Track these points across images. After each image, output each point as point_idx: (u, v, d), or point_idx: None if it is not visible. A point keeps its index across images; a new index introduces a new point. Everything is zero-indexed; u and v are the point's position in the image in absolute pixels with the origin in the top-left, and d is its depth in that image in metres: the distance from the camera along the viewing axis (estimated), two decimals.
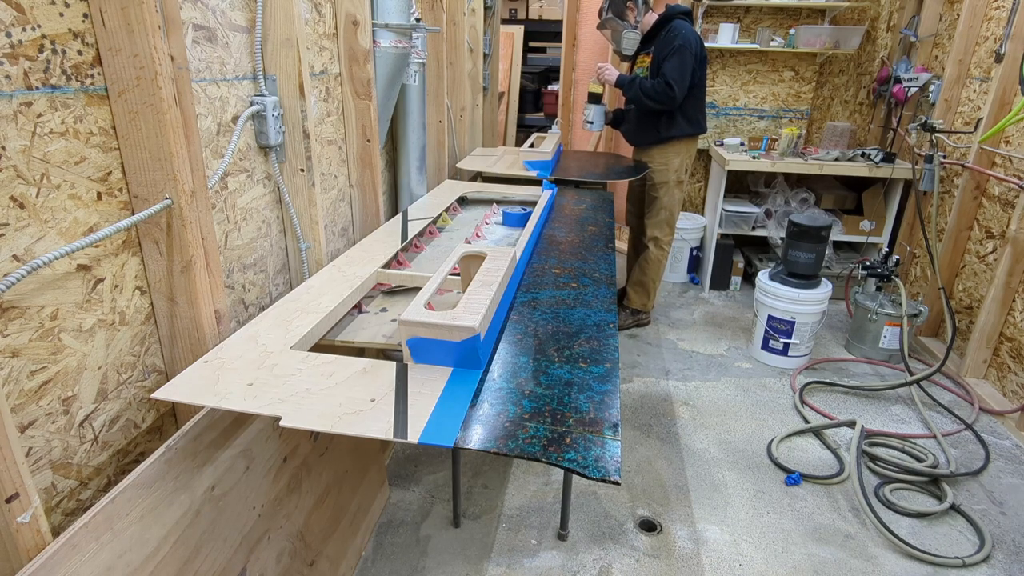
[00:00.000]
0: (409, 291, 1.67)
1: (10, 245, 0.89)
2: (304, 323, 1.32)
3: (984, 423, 2.51)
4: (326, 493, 1.58)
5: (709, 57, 4.24)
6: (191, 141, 1.13)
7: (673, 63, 2.80)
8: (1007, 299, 2.59)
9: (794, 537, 1.90)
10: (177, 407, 1.26)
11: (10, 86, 0.87)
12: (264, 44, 1.46)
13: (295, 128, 1.55)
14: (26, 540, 0.85)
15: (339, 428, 0.98)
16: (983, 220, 2.82)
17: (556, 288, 1.61)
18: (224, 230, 1.40)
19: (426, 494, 2.03)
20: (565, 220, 2.29)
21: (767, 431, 2.42)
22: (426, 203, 2.38)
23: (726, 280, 3.82)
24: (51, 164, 0.94)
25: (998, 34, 2.76)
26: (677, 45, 2.79)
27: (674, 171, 3.06)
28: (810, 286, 2.83)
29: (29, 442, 0.94)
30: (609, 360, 1.23)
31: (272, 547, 1.33)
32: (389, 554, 1.79)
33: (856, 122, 3.88)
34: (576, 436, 0.99)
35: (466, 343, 1.13)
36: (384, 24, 1.94)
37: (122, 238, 1.10)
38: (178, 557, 1.05)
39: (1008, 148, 2.68)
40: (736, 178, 3.90)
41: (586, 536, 1.88)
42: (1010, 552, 1.86)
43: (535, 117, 5.84)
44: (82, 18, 0.98)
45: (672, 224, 3.17)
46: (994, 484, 2.16)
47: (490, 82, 4.09)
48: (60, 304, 0.98)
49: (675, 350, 3.08)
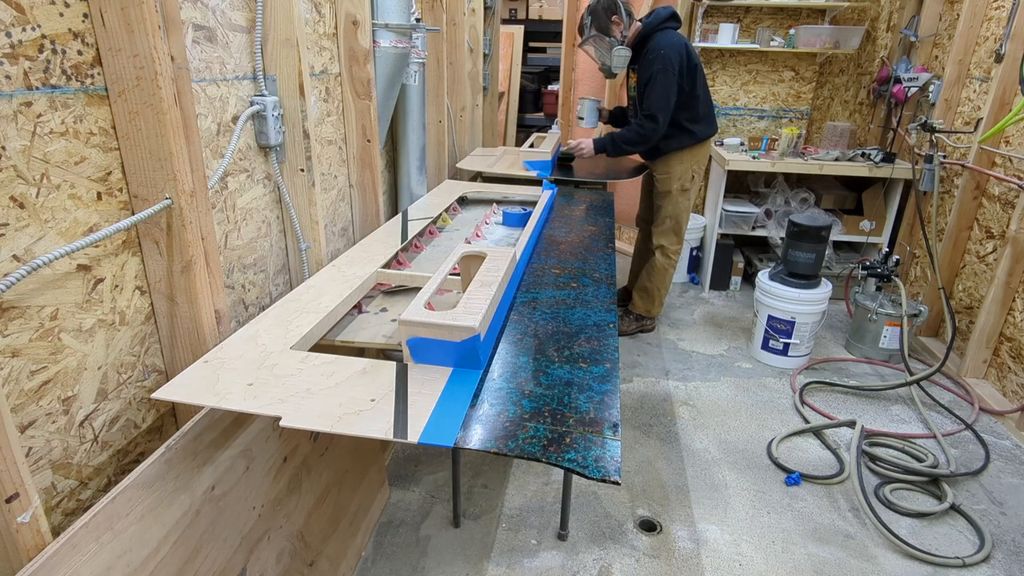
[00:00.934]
0: (409, 291, 1.67)
1: (10, 245, 0.89)
2: (304, 323, 1.32)
3: (984, 423, 2.51)
4: (326, 493, 1.58)
5: (709, 58, 4.25)
6: (191, 141, 1.13)
7: (655, 90, 2.69)
8: (1007, 299, 2.59)
9: (794, 537, 1.90)
10: (177, 407, 1.26)
11: (10, 86, 0.87)
12: (264, 44, 1.46)
13: (295, 128, 1.55)
14: (26, 540, 0.85)
15: (339, 428, 0.98)
16: (983, 220, 2.82)
17: (556, 288, 1.61)
18: (224, 230, 1.40)
19: (426, 494, 2.03)
20: (565, 220, 2.29)
21: (767, 431, 2.42)
22: (426, 203, 2.38)
23: (726, 280, 3.82)
24: (51, 164, 0.94)
25: (998, 34, 2.76)
26: (656, 70, 2.67)
27: (677, 179, 2.97)
28: (810, 286, 2.83)
29: (29, 442, 0.94)
30: (609, 360, 1.23)
31: (272, 547, 1.33)
32: (389, 554, 1.79)
33: (856, 122, 3.88)
34: (576, 436, 0.99)
35: (466, 343, 1.13)
36: (384, 24, 1.94)
37: (122, 238, 1.10)
38: (178, 557, 1.05)
39: (1008, 148, 2.68)
40: (736, 178, 3.89)
41: (586, 536, 1.88)
42: (1010, 552, 1.86)
43: (535, 117, 5.84)
44: (82, 18, 0.98)
45: (679, 232, 3.08)
46: (994, 484, 2.16)
47: (490, 82, 4.09)
48: (60, 304, 0.98)
49: (675, 350, 3.08)
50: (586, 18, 2.80)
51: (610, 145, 2.87)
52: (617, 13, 2.73)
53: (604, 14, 2.74)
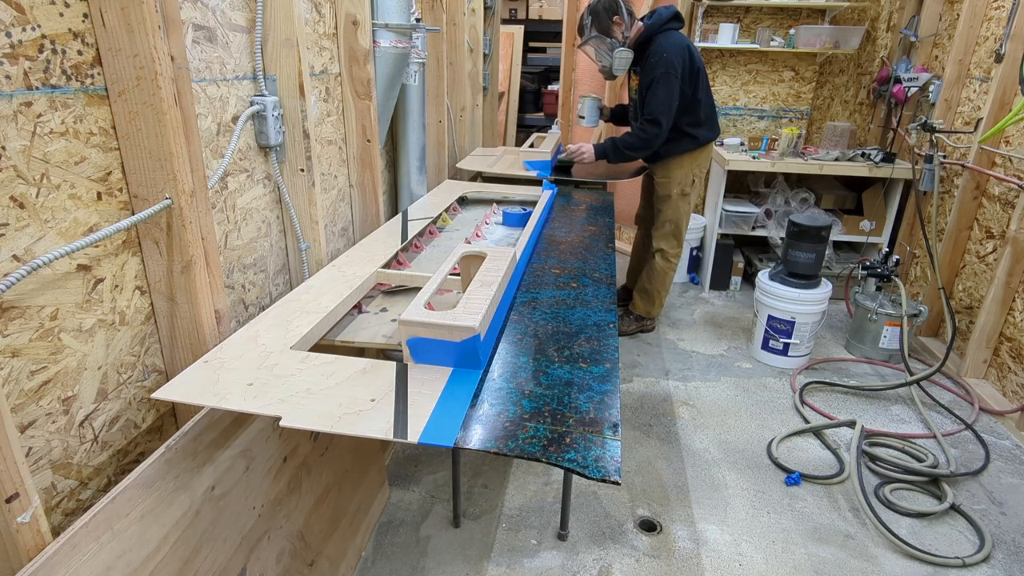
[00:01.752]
0: (409, 291, 1.67)
1: (10, 245, 0.89)
2: (304, 323, 1.32)
3: (984, 423, 2.51)
4: (326, 493, 1.58)
5: (709, 58, 4.25)
6: (191, 141, 1.13)
7: (657, 94, 2.65)
8: (1007, 299, 2.59)
9: (794, 537, 1.90)
10: (177, 407, 1.26)
11: (10, 86, 0.87)
12: (264, 44, 1.46)
13: (295, 128, 1.55)
14: (26, 540, 0.85)
15: (339, 428, 0.98)
16: (983, 220, 2.82)
17: (556, 288, 1.61)
18: (224, 230, 1.40)
19: (426, 494, 2.03)
20: (565, 220, 2.29)
21: (767, 431, 2.42)
22: (426, 203, 2.38)
23: (726, 280, 3.82)
24: (51, 164, 0.94)
25: (998, 34, 2.76)
26: (659, 73, 2.62)
27: (677, 183, 2.94)
28: (810, 286, 2.83)
29: (29, 442, 0.94)
30: (609, 360, 1.23)
31: (272, 547, 1.33)
32: (389, 554, 1.79)
33: (856, 122, 3.88)
34: (576, 436, 0.99)
35: (466, 343, 1.13)
36: (384, 24, 1.94)
37: (122, 238, 1.10)
38: (178, 557, 1.05)
39: (1008, 148, 2.68)
40: (736, 178, 3.89)
41: (586, 536, 1.88)
42: (1010, 552, 1.86)
43: (535, 117, 5.85)
44: (82, 18, 0.98)
45: (679, 236, 3.05)
46: (994, 484, 2.16)
47: (490, 82, 4.09)
48: (60, 304, 0.98)
49: (675, 350, 3.08)
50: (586, 18, 2.73)
51: (611, 151, 2.84)
52: (619, 13, 2.67)
53: (605, 14, 2.68)
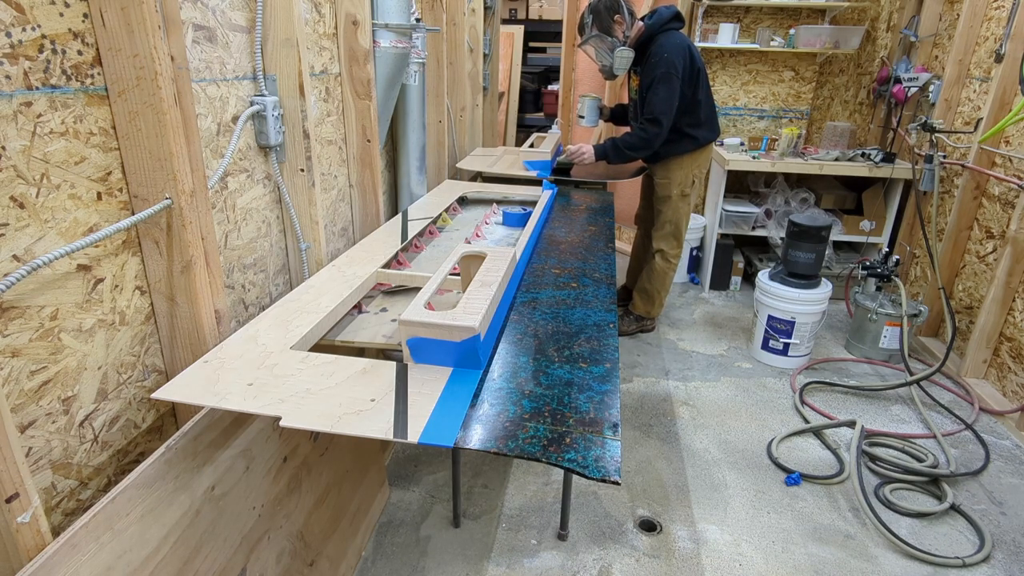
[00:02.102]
0: (409, 291, 1.67)
1: (10, 245, 0.89)
2: (304, 323, 1.32)
3: (984, 423, 2.51)
4: (326, 493, 1.58)
5: (709, 57, 4.25)
6: (191, 141, 1.13)
7: (658, 94, 2.64)
8: (1007, 299, 2.59)
9: (794, 537, 1.90)
10: (177, 407, 1.26)
11: (10, 86, 0.87)
12: (264, 44, 1.46)
13: (295, 128, 1.55)
14: (26, 540, 0.85)
15: (339, 428, 0.98)
16: (983, 220, 2.82)
17: (556, 288, 1.61)
18: (224, 230, 1.40)
19: (426, 494, 2.03)
20: (565, 220, 2.29)
21: (767, 431, 2.42)
22: (426, 203, 2.38)
23: (726, 280, 3.82)
24: (51, 164, 0.94)
25: (998, 34, 2.76)
26: (659, 74, 2.62)
27: (677, 184, 2.94)
28: (810, 286, 2.83)
29: (29, 442, 0.94)
30: (609, 360, 1.23)
31: (272, 547, 1.33)
32: (389, 554, 1.79)
33: (856, 122, 3.88)
34: (576, 436, 0.99)
35: (466, 343, 1.13)
36: (384, 24, 1.94)
37: (122, 238, 1.10)
38: (178, 557, 1.05)
39: (1008, 148, 2.68)
40: (736, 178, 3.89)
41: (586, 536, 1.88)
42: (1010, 552, 1.86)
43: (535, 117, 5.85)
44: (82, 18, 0.98)
45: (679, 237, 3.05)
46: (994, 484, 2.16)
47: (490, 82, 4.09)
48: (60, 304, 0.98)
49: (675, 350, 3.08)
50: (587, 17, 2.72)
51: (612, 151, 2.83)
52: (620, 12, 2.66)
53: (606, 13, 2.67)
